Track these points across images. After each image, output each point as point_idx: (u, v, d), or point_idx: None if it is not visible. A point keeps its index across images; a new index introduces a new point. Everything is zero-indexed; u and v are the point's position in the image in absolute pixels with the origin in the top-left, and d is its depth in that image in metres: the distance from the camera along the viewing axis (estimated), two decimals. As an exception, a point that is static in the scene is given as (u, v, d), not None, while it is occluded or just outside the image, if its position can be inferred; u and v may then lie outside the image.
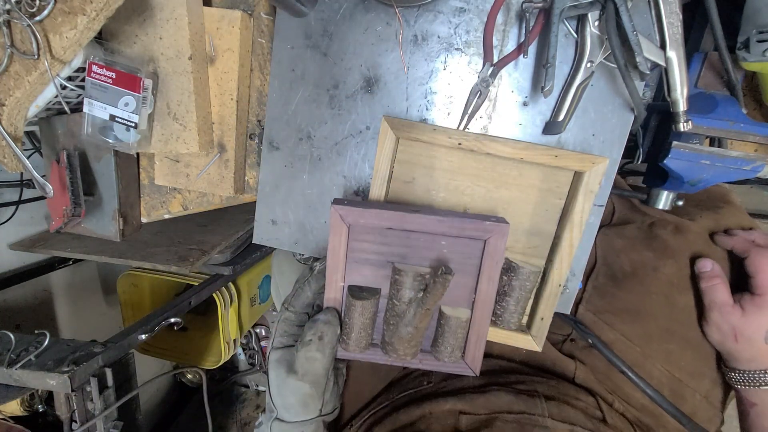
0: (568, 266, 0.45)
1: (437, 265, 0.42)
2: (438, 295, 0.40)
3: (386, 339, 0.45)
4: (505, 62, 0.42)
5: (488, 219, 0.41)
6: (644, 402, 0.55)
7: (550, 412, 0.49)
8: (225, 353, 0.96)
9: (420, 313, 0.41)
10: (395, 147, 0.46)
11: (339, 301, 0.45)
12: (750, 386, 0.47)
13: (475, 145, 0.43)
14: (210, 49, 0.51)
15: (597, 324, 0.57)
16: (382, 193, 0.47)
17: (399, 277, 0.42)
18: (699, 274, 0.50)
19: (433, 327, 0.46)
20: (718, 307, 0.48)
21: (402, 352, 0.45)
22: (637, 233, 0.57)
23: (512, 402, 0.51)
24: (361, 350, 0.46)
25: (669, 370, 0.53)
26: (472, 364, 0.45)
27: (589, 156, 0.42)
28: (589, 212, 0.43)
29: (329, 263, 0.44)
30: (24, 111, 0.46)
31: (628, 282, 0.56)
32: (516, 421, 0.48)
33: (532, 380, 0.55)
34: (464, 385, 0.56)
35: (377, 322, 0.46)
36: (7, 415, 0.67)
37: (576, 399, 0.53)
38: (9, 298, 0.81)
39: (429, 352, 0.47)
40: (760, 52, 0.40)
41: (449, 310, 0.44)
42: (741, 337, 0.47)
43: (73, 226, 0.64)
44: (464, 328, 0.44)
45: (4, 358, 0.50)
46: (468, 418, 0.50)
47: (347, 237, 0.43)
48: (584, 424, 0.48)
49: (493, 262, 0.42)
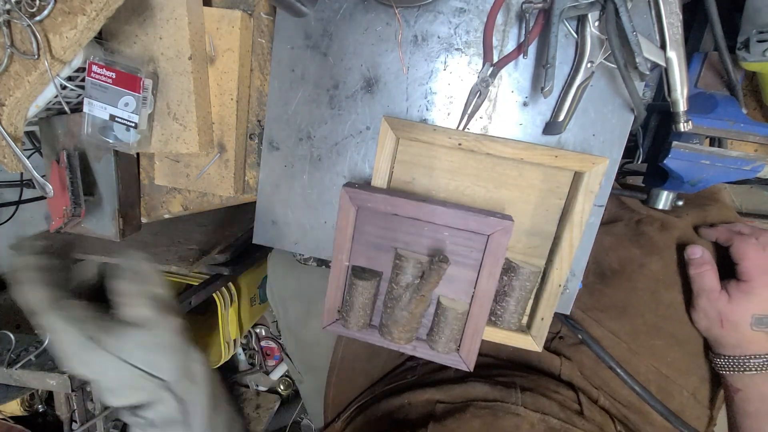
0: (568, 266, 0.45)
1: (436, 254, 0.43)
2: (433, 283, 0.41)
3: (383, 321, 0.47)
4: (505, 62, 0.42)
5: (493, 215, 0.41)
6: (631, 399, 0.55)
7: (524, 401, 0.50)
8: (225, 353, 0.96)
9: (415, 299, 0.43)
10: (395, 147, 0.46)
11: (343, 279, 0.47)
12: (735, 371, 0.48)
13: (475, 145, 0.43)
14: (210, 49, 0.51)
15: (585, 321, 0.57)
16: (382, 193, 0.47)
17: (400, 262, 0.44)
18: (688, 260, 0.50)
19: (431, 317, 0.47)
20: (706, 293, 0.48)
21: (396, 335, 0.46)
22: (625, 231, 0.58)
23: (488, 391, 0.52)
24: (359, 329, 0.47)
25: (656, 366, 0.54)
26: (466, 358, 0.46)
27: (589, 156, 0.42)
28: (589, 212, 0.44)
29: (336, 243, 0.45)
30: (24, 111, 0.45)
31: (616, 279, 0.57)
32: (488, 408, 0.49)
33: (512, 374, 0.56)
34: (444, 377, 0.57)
35: (377, 305, 0.48)
36: (7, 415, 0.67)
37: (555, 392, 0.53)
38: (9, 298, 0.81)
39: (424, 340, 0.47)
40: (760, 52, 0.40)
41: (447, 301, 0.45)
42: (727, 323, 0.47)
43: (73, 226, 0.64)
44: (461, 321, 0.45)
45: (4, 358, 0.50)
46: (444, 406, 0.51)
47: (355, 218, 0.44)
48: (557, 414, 0.49)
49: (495, 259, 0.42)
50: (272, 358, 1.33)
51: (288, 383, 1.31)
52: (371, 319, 0.48)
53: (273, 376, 1.32)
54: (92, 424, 0.53)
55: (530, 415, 0.48)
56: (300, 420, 1.34)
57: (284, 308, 0.67)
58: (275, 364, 1.33)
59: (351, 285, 0.46)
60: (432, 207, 0.42)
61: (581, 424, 0.49)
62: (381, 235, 0.45)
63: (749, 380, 0.47)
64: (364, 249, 0.46)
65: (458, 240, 0.43)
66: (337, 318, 0.48)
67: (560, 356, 0.59)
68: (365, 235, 0.45)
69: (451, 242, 0.44)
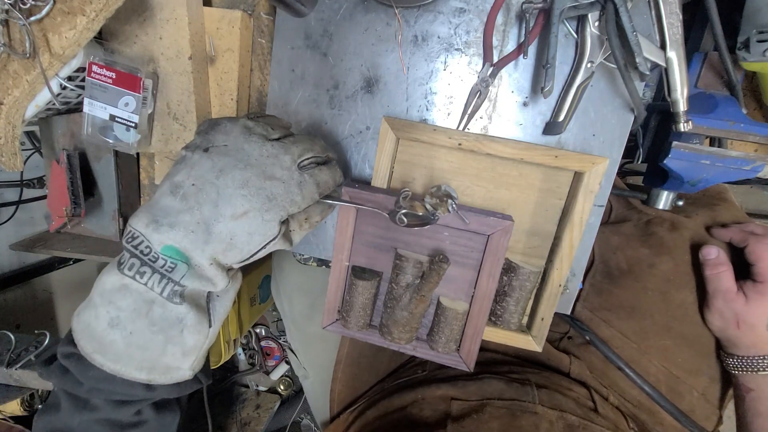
0: (568, 266, 0.45)
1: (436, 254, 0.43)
2: (433, 283, 0.41)
3: (383, 321, 0.47)
4: (505, 62, 0.42)
5: (493, 215, 0.41)
6: (641, 399, 0.55)
7: (540, 399, 0.50)
8: (225, 353, 0.96)
9: (416, 299, 0.42)
10: (395, 147, 0.46)
11: (343, 279, 0.47)
12: (748, 371, 0.48)
13: (476, 145, 0.43)
14: (210, 49, 0.51)
15: (594, 321, 0.57)
16: (382, 194, 0.47)
17: (400, 262, 0.44)
18: (704, 261, 0.50)
19: (431, 317, 0.47)
20: (722, 294, 0.48)
21: (396, 335, 0.46)
22: (634, 231, 0.57)
23: (503, 389, 0.51)
24: (359, 329, 0.47)
25: (666, 366, 0.54)
26: (466, 358, 0.46)
27: (589, 156, 0.42)
28: (589, 212, 0.44)
29: (336, 243, 0.45)
30: (22, 110, 0.46)
31: (625, 279, 0.56)
32: (506, 407, 0.49)
33: (524, 371, 0.56)
34: (457, 373, 0.56)
35: (377, 306, 0.48)
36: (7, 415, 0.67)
37: (568, 389, 0.53)
38: (9, 298, 0.81)
39: (425, 340, 0.48)
40: (760, 52, 0.40)
41: (447, 302, 0.45)
42: (743, 324, 0.47)
43: (73, 226, 0.64)
44: (461, 321, 0.45)
45: (4, 358, 0.50)
46: (459, 403, 0.50)
47: (355, 218, 0.44)
48: (574, 411, 0.49)
49: (495, 259, 0.42)
50: (272, 358, 1.33)
51: (288, 383, 1.31)
52: (371, 320, 0.48)
53: (273, 376, 1.32)
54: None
55: (548, 413, 0.48)
56: (300, 420, 1.34)
57: (290, 302, 0.67)
58: (275, 364, 1.33)
59: (351, 285, 0.46)
60: None
61: (599, 420, 0.49)
62: (381, 235, 0.45)
63: (762, 380, 0.47)
64: (364, 249, 0.46)
65: (458, 240, 0.44)
66: (337, 318, 0.48)
67: (570, 355, 0.59)
68: (365, 235, 0.45)
69: (451, 242, 0.44)
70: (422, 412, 0.50)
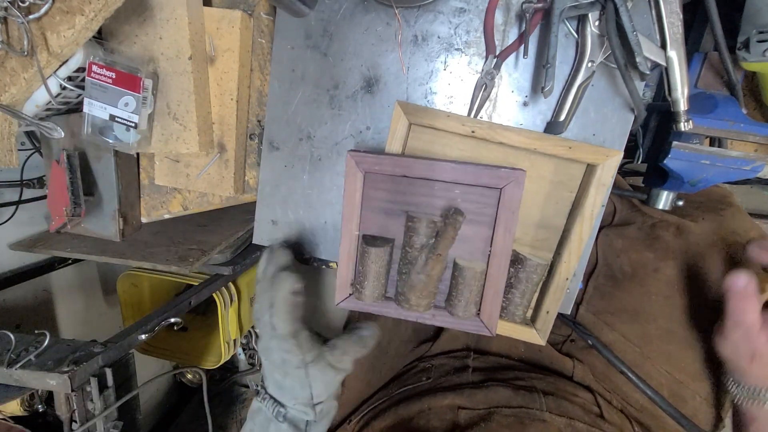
0: (576, 260, 0.44)
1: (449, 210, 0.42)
2: (449, 239, 0.39)
3: (399, 289, 0.45)
4: (508, 53, 0.42)
5: (504, 167, 0.39)
6: (644, 403, 0.55)
7: (548, 406, 0.49)
8: (225, 353, 0.96)
9: (432, 260, 0.41)
10: (407, 133, 0.44)
11: (354, 250, 0.45)
12: (754, 401, 0.45)
13: (489, 133, 0.42)
14: (210, 49, 0.50)
15: (597, 324, 0.57)
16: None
17: (413, 224, 0.42)
18: (730, 289, 0.44)
19: (447, 282, 0.45)
20: (744, 328, 0.43)
21: (414, 301, 0.44)
22: (638, 234, 0.57)
23: (510, 397, 0.51)
24: (375, 300, 0.45)
25: (669, 371, 0.53)
26: (488, 322, 0.44)
27: (604, 149, 0.41)
28: (601, 206, 0.42)
29: (344, 212, 0.43)
30: (20, 107, 0.46)
31: (628, 283, 0.56)
32: (514, 415, 0.48)
33: (530, 377, 0.55)
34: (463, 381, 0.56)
35: (391, 275, 0.46)
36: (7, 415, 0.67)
37: (574, 395, 0.53)
38: (9, 298, 0.80)
39: (443, 308, 0.46)
40: (760, 52, 0.40)
41: (464, 262, 0.43)
42: (759, 360, 0.43)
43: (73, 226, 0.64)
44: (479, 281, 0.43)
45: (4, 358, 0.50)
46: (467, 412, 0.50)
47: (362, 184, 0.43)
48: (582, 418, 0.48)
49: (509, 212, 0.40)
50: (272, 358, 1.33)
51: (288, 383, 1.31)
52: (386, 291, 0.46)
53: (273, 376, 1.32)
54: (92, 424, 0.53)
55: (556, 420, 0.47)
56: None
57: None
58: (275, 364, 1.33)
59: (363, 254, 0.43)
60: (442, 164, 0.40)
61: (606, 427, 0.49)
62: (391, 200, 0.43)
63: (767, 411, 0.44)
64: (374, 216, 0.44)
65: (470, 197, 0.42)
66: (350, 293, 0.46)
67: (573, 359, 0.58)
68: (374, 201, 0.43)
69: (463, 200, 0.42)
70: (430, 422, 0.50)
